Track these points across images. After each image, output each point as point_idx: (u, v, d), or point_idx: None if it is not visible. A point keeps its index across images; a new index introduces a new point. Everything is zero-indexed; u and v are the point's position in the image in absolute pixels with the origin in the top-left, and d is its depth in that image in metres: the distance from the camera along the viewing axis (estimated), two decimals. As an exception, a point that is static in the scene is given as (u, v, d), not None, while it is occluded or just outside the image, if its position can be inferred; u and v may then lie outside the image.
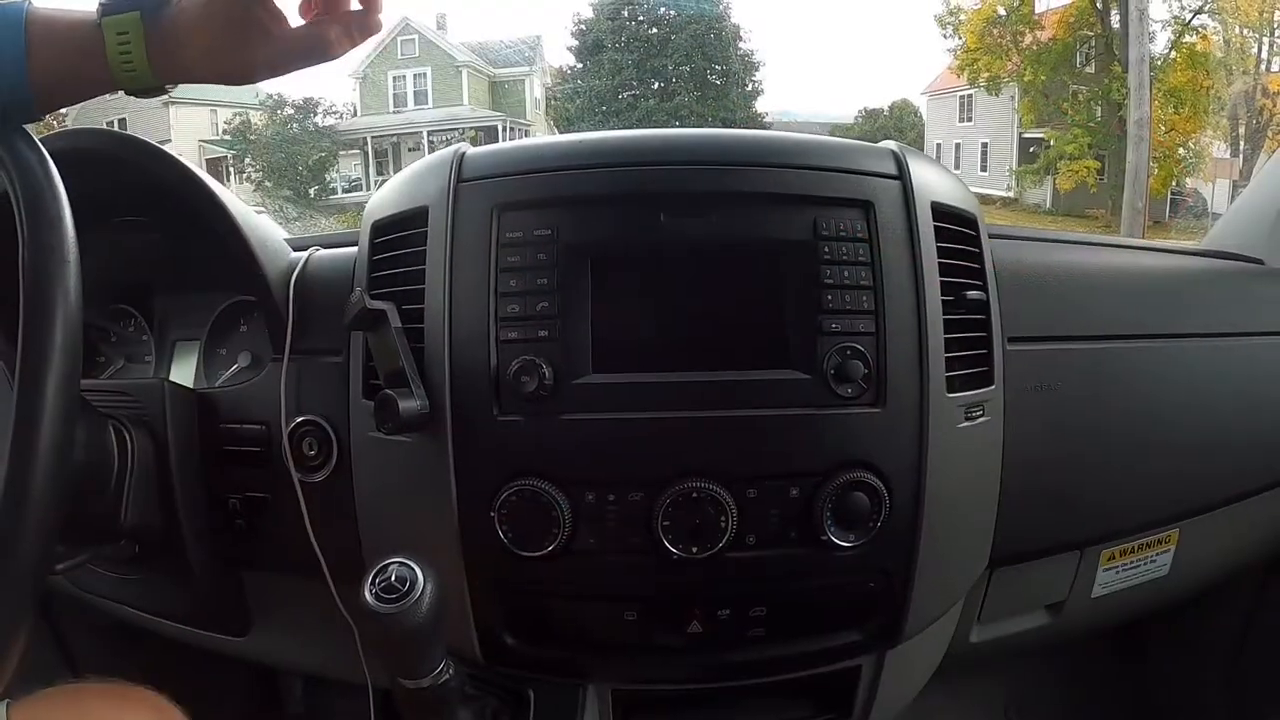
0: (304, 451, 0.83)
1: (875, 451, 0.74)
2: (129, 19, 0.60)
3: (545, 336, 0.73)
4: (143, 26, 0.60)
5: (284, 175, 10.53)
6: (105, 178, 0.84)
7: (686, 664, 0.81)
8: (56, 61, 0.61)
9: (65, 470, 0.57)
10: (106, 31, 0.60)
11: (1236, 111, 9.15)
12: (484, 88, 11.57)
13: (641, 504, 0.72)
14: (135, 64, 0.61)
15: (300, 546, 0.83)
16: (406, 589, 0.61)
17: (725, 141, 0.79)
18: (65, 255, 0.58)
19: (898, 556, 0.77)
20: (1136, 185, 8.08)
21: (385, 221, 0.81)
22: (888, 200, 0.76)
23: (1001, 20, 10.37)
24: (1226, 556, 1.07)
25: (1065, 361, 0.88)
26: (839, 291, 0.74)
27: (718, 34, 11.42)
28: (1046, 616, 1.01)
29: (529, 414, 0.73)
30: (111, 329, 1.02)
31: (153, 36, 0.61)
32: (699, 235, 0.74)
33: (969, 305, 0.78)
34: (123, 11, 0.60)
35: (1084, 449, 0.89)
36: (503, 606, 0.78)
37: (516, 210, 0.75)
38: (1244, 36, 9.27)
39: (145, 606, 0.93)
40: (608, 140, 0.81)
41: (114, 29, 0.60)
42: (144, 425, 0.81)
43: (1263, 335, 0.99)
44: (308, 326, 0.86)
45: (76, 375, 0.58)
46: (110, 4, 0.61)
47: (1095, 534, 0.94)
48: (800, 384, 0.73)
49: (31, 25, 0.60)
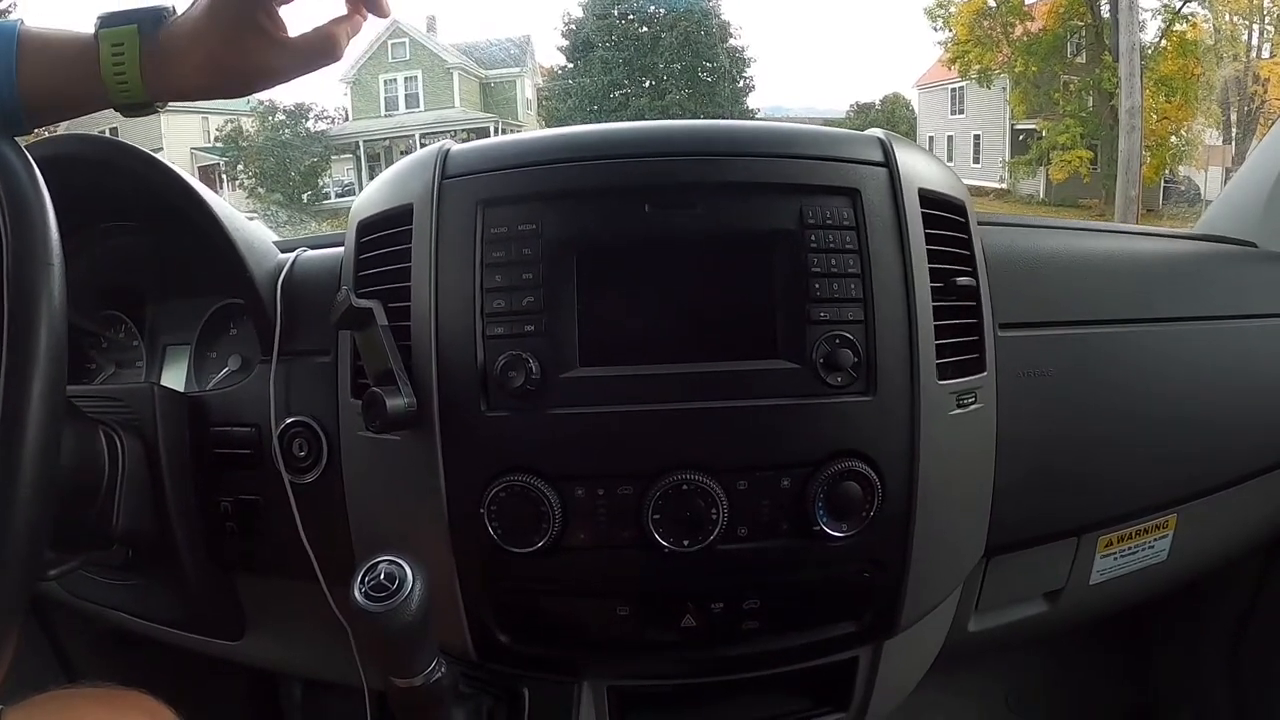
0: (294, 452, 0.83)
1: (866, 440, 0.73)
2: (126, 31, 0.61)
3: (531, 331, 0.72)
4: (139, 40, 0.61)
5: (276, 181, 10.52)
6: (94, 183, 0.84)
7: (681, 659, 0.81)
8: (47, 76, 0.62)
9: (51, 475, 0.56)
10: (102, 44, 0.61)
11: (1228, 98, 9.16)
12: (475, 89, 11.56)
13: (631, 497, 0.72)
14: (129, 79, 0.62)
15: (293, 548, 0.83)
16: (396, 587, 0.61)
17: (709, 132, 0.79)
18: (49, 260, 0.57)
19: (892, 546, 0.77)
20: (1129, 174, 8.09)
21: (370, 220, 0.80)
22: (874, 187, 0.76)
23: (991, 12, 10.37)
24: (1225, 541, 1.06)
25: (1057, 347, 0.88)
26: (827, 280, 0.73)
27: (708, 30, 11.42)
28: (1045, 604, 1.00)
29: (517, 409, 0.72)
30: (102, 335, 1.02)
31: (149, 50, 0.61)
32: (684, 226, 0.74)
33: (959, 291, 0.78)
34: (120, 25, 0.61)
35: (1078, 434, 0.89)
36: (495, 603, 0.77)
37: (500, 205, 0.74)
38: (1234, 23, 9.29)
39: (139, 612, 0.93)
40: (591, 133, 0.80)
41: (110, 40, 0.61)
42: (135, 430, 0.81)
43: (1256, 318, 0.99)
44: (296, 327, 0.86)
45: (62, 380, 0.58)
46: (108, 17, 0.61)
47: (1092, 520, 0.94)
48: (789, 373, 0.73)
49: (24, 41, 0.61)
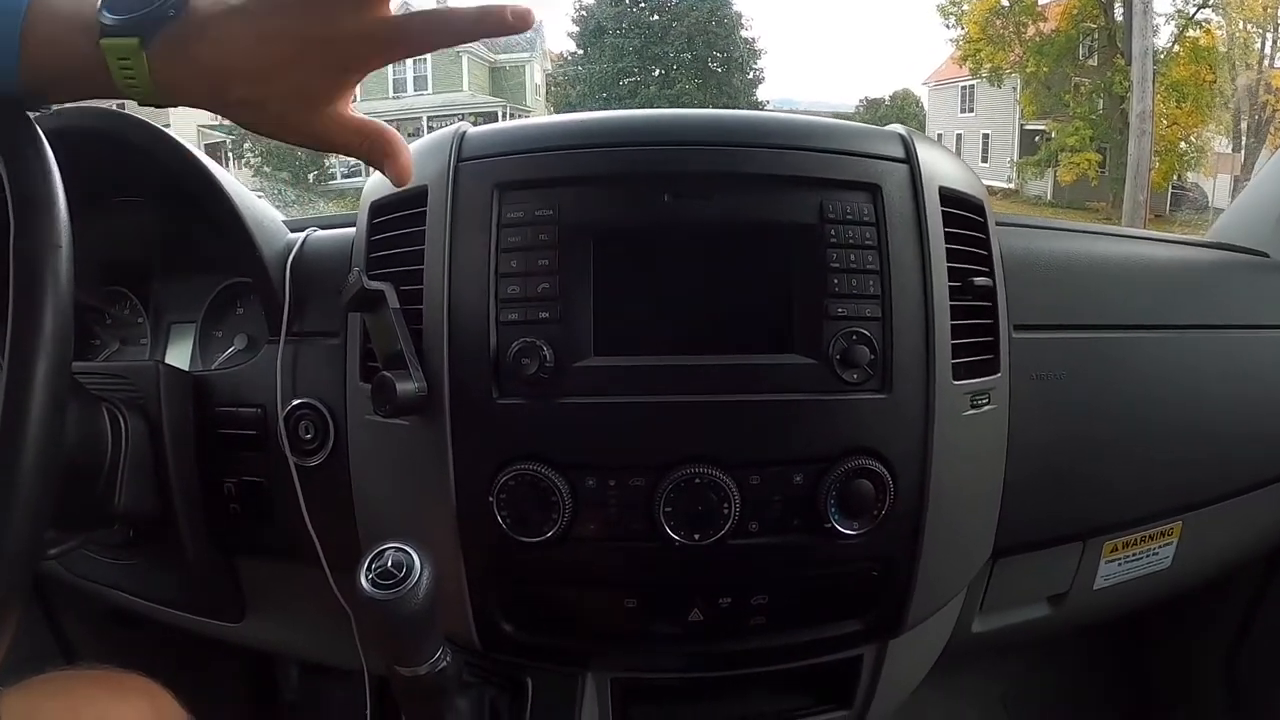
0: (300, 435, 0.82)
1: (880, 438, 0.73)
2: (128, 45, 0.53)
3: (546, 318, 0.71)
4: (144, 54, 0.53)
5: (283, 160, 10.48)
6: (104, 157, 0.83)
7: (687, 653, 0.80)
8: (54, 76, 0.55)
9: (56, 457, 0.56)
10: (108, 55, 0.53)
11: (1239, 106, 9.12)
12: (484, 73, 11.52)
13: (643, 489, 0.71)
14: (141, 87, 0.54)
15: (296, 531, 0.82)
16: (403, 575, 0.60)
17: (731, 122, 0.78)
18: (57, 242, 0.56)
19: (902, 545, 0.76)
20: (1138, 178, 8.06)
21: (384, 201, 0.79)
22: (895, 184, 0.75)
23: (1004, 11, 10.34)
24: (1228, 550, 1.06)
25: (1070, 350, 0.88)
26: (845, 275, 0.72)
27: (719, 21, 11.39)
28: (1048, 608, 1.00)
29: (529, 397, 0.72)
30: (106, 311, 1.01)
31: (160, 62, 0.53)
32: (703, 217, 0.73)
33: (976, 292, 0.77)
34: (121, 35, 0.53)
35: (1087, 438, 0.88)
36: (501, 593, 0.77)
37: (518, 190, 0.73)
38: (1248, 31, 9.24)
39: (139, 592, 0.92)
40: (612, 120, 0.79)
41: (115, 54, 0.53)
42: (138, 408, 0.80)
43: (1269, 329, 0.98)
44: (304, 308, 0.85)
45: (67, 363, 0.57)
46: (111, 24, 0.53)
47: (1098, 525, 0.93)
48: (805, 369, 0.72)
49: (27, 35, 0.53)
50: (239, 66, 0.54)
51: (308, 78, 0.55)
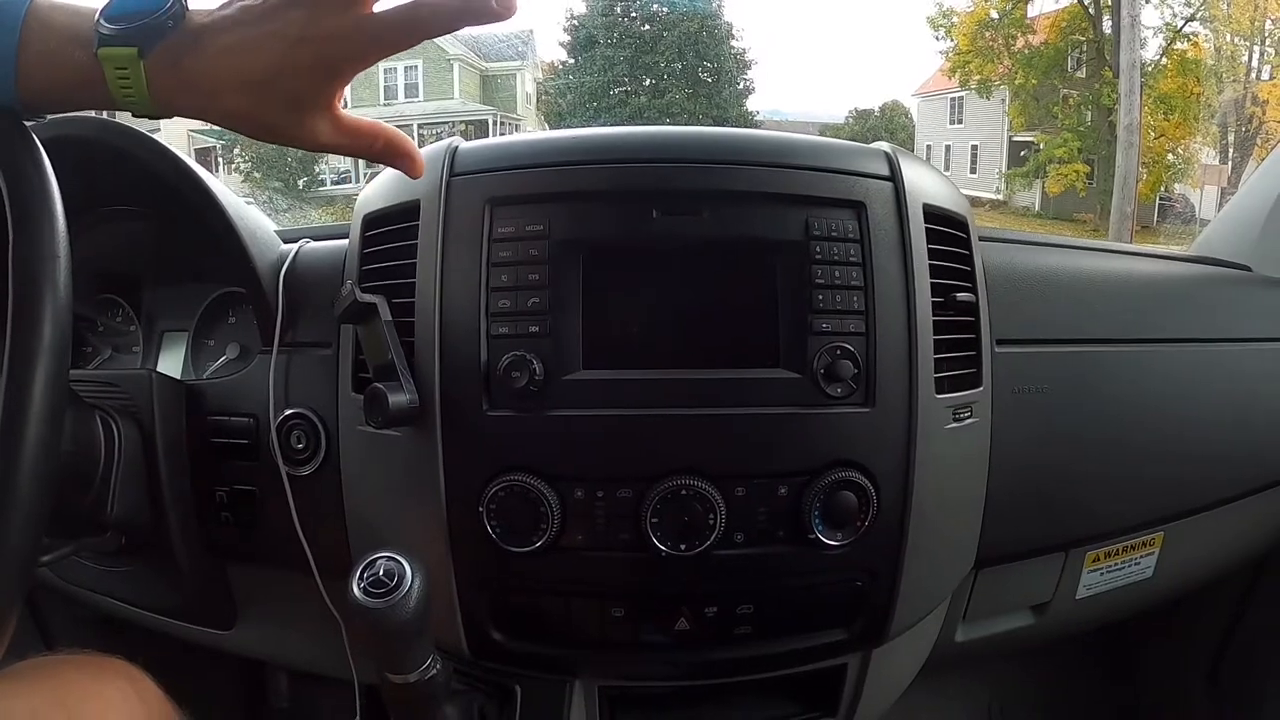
0: (292, 444, 0.83)
1: (864, 451, 0.74)
2: (126, 55, 0.54)
3: (536, 332, 0.73)
4: (142, 64, 0.54)
5: (273, 166, 10.40)
6: (96, 166, 0.83)
7: (674, 661, 0.81)
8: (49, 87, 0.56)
9: (52, 467, 0.56)
10: (105, 65, 0.54)
11: (1226, 119, 9.19)
12: (475, 81, 11.48)
13: (630, 501, 0.72)
14: (138, 99, 0.55)
15: (287, 540, 0.83)
16: (395, 584, 0.61)
17: (719, 140, 0.79)
18: (55, 250, 0.56)
19: (885, 556, 0.77)
20: (1125, 190, 8.11)
21: (377, 214, 0.80)
22: (880, 201, 0.76)
23: (994, 23, 10.37)
24: (1210, 560, 1.08)
25: (1053, 365, 0.89)
26: (830, 291, 0.74)
27: (710, 32, 11.37)
28: (1031, 617, 1.02)
29: (519, 409, 0.73)
30: (99, 319, 1.01)
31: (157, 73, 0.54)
32: (691, 233, 0.74)
33: (958, 307, 0.79)
34: (120, 45, 0.54)
35: (1070, 451, 0.89)
36: (490, 602, 0.78)
37: (509, 205, 0.74)
38: (1235, 44, 9.31)
39: (130, 599, 0.93)
40: (602, 136, 0.80)
41: (113, 64, 0.54)
42: (131, 416, 0.81)
43: (1249, 341, 1.00)
44: (297, 319, 0.86)
45: (65, 373, 0.57)
46: (110, 34, 0.54)
47: (1080, 536, 0.95)
48: (790, 383, 0.74)
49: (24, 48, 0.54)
50: (232, 77, 0.55)
51: (297, 82, 0.56)
